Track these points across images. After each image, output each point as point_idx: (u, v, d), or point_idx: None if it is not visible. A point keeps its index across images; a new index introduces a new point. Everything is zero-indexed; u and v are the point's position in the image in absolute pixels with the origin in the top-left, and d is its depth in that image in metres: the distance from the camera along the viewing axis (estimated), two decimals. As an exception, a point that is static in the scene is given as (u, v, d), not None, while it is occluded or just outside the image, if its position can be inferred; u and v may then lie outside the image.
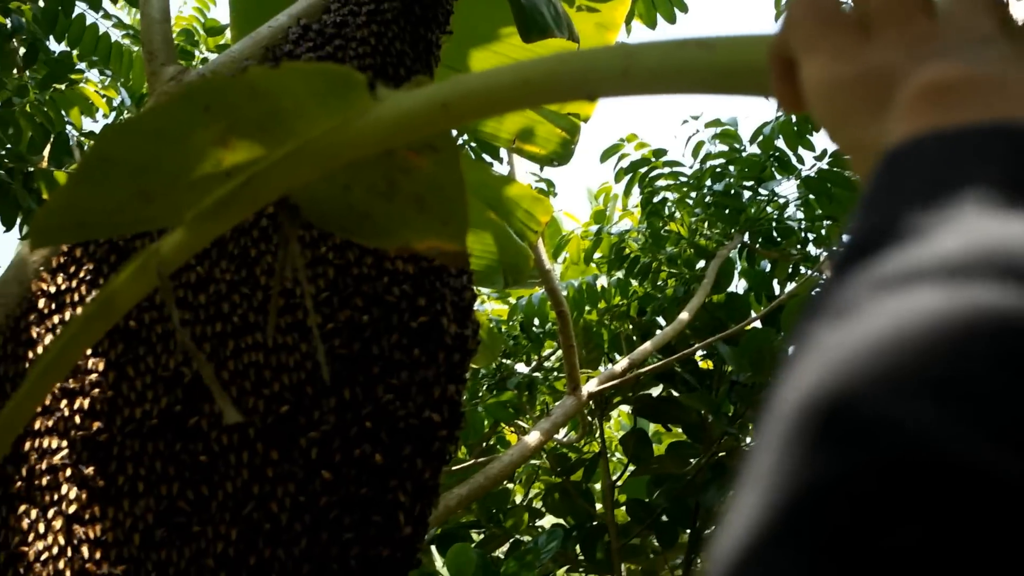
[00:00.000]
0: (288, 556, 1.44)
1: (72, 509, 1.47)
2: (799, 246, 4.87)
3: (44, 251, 1.63)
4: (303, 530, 1.45)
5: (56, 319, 1.57)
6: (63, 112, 3.45)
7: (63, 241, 0.69)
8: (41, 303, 1.58)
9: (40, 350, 1.55)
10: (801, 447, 0.27)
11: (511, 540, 4.82)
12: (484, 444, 5.09)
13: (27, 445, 1.50)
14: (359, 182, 0.69)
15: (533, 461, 5.19)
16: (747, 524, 0.27)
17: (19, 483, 1.49)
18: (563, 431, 5.01)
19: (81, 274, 1.60)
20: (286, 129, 0.64)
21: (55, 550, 1.45)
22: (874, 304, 0.29)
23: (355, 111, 0.63)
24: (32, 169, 3.25)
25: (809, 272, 4.76)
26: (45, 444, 1.51)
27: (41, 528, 1.47)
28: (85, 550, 1.45)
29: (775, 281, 4.94)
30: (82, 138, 3.78)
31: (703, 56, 0.56)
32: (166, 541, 1.45)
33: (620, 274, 4.97)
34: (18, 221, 3.27)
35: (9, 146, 3.25)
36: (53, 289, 1.59)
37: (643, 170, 4.86)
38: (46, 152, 3.31)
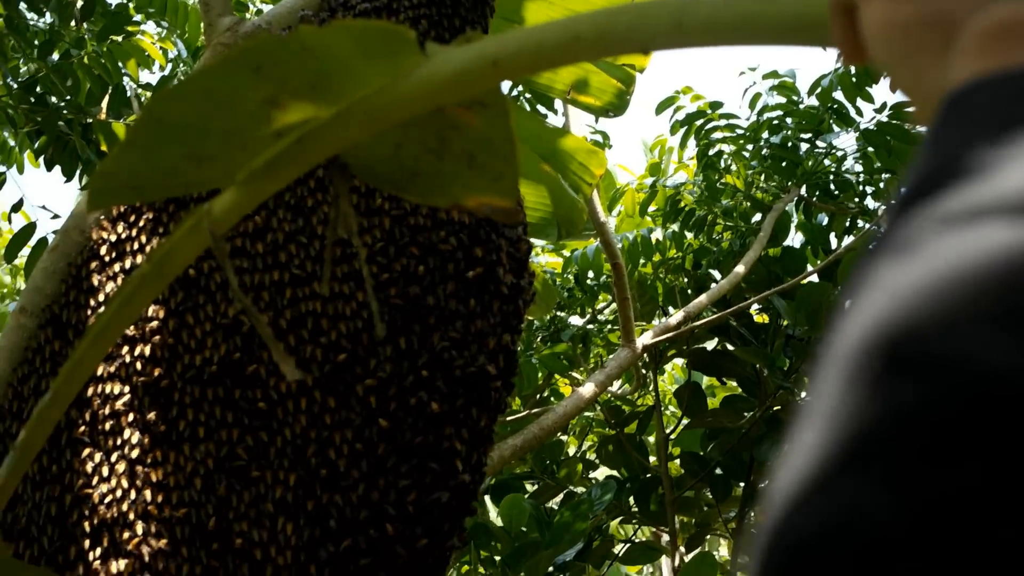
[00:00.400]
0: (346, 502, 1.46)
1: (134, 453, 1.50)
2: (857, 199, 4.81)
3: (105, 200, 1.65)
4: (360, 476, 1.47)
5: (117, 267, 1.59)
6: (120, 64, 3.47)
7: (119, 202, 0.70)
8: (103, 251, 1.60)
9: (102, 297, 1.58)
10: (870, 381, 0.27)
11: (564, 491, 4.84)
12: (538, 396, 5.11)
13: (90, 391, 1.53)
14: (410, 140, 0.69)
15: (587, 413, 5.20)
16: (812, 456, 0.27)
17: (83, 427, 1.52)
18: (617, 383, 5.01)
19: (141, 223, 1.61)
20: (337, 88, 0.64)
21: (118, 493, 1.48)
22: (939, 240, 0.29)
23: (405, 69, 0.63)
24: (91, 121, 3.28)
25: (867, 226, 4.70)
26: (108, 390, 1.53)
27: (104, 471, 1.50)
28: (147, 493, 1.48)
29: (832, 235, 4.88)
30: (139, 90, 3.82)
31: (760, 6, 0.55)
32: (226, 485, 1.48)
33: (675, 227, 4.94)
34: (78, 172, 3.31)
35: (68, 98, 3.28)
36: (114, 238, 1.61)
37: (699, 122, 4.81)
38: (104, 104, 3.33)
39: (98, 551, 1.46)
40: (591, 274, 4.96)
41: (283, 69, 0.64)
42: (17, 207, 3.57)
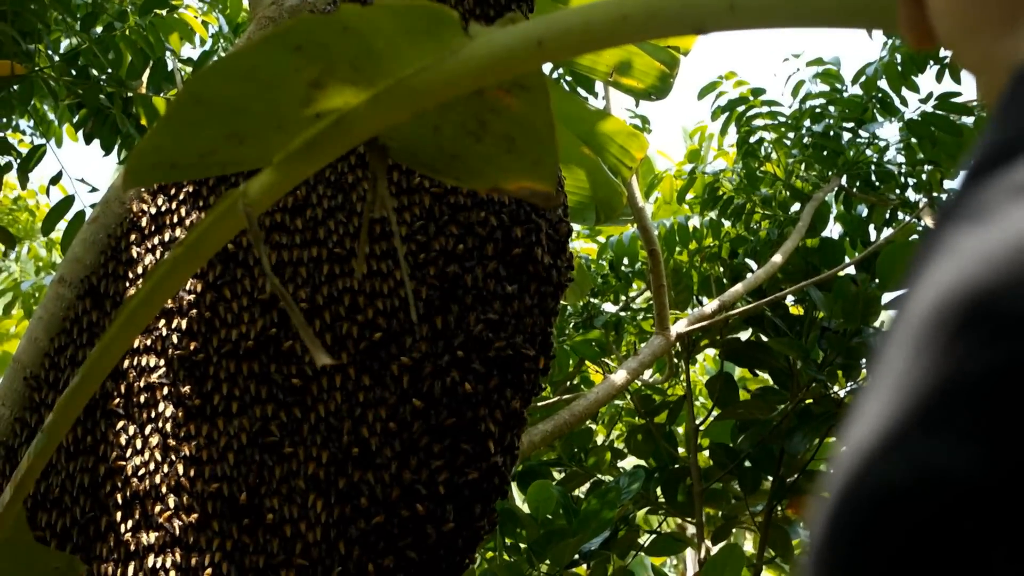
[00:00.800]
0: (377, 480, 1.45)
1: (168, 427, 1.50)
2: (898, 191, 4.76)
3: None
4: (393, 455, 1.46)
5: (156, 239, 1.59)
6: (162, 38, 3.47)
7: (156, 181, 0.69)
8: (143, 222, 1.60)
9: (140, 270, 1.57)
10: (950, 342, 0.27)
11: (592, 480, 4.83)
12: (568, 383, 5.10)
13: (126, 363, 1.53)
14: (449, 122, 0.68)
15: (617, 402, 5.19)
16: (889, 414, 0.27)
17: (118, 399, 1.52)
18: (648, 372, 4.99)
19: (181, 196, 1.61)
20: (378, 68, 0.63)
21: (151, 465, 1.48)
22: (1013, 208, 0.29)
23: (448, 49, 0.62)
24: (131, 94, 3.28)
25: (907, 218, 4.65)
26: (143, 362, 1.53)
27: (138, 444, 1.50)
28: (180, 467, 1.48)
29: (871, 226, 4.84)
30: (181, 64, 3.82)
31: None
32: (259, 461, 1.47)
33: (713, 214, 4.91)
34: (117, 146, 3.32)
35: (109, 71, 3.28)
36: (154, 210, 1.60)
37: (740, 109, 4.78)
38: (145, 77, 3.34)
39: (129, 523, 1.46)
40: (626, 261, 4.94)
41: (324, 49, 0.63)
42: (56, 180, 3.58)
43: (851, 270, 4.45)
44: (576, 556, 3.76)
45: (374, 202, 0.70)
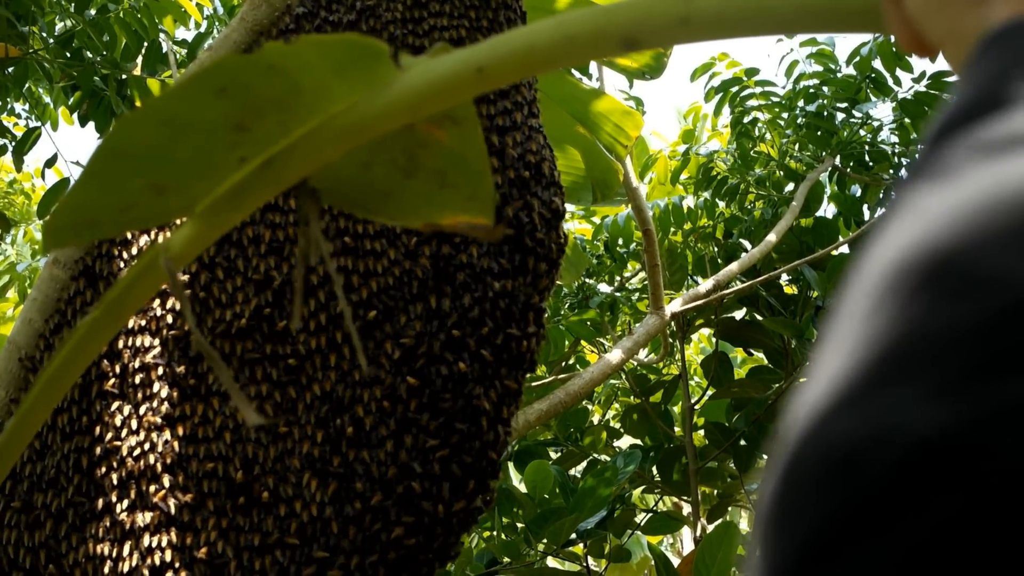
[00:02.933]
0: (373, 459, 1.46)
1: (164, 407, 1.50)
2: (891, 171, 4.77)
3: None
4: (388, 434, 1.47)
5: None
6: (157, 20, 3.47)
7: (76, 241, 0.65)
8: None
9: (135, 250, 1.58)
10: (910, 299, 0.27)
11: (588, 459, 4.84)
12: (564, 363, 5.11)
13: (121, 343, 1.53)
14: (378, 160, 0.65)
15: (612, 381, 5.20)
16: (846, 372, 0.27)
17: (113, 380, 1.52)
18: (643, 352, 5.00)
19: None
20: (307, 107, 0.60)
21: (147, 445, 1.49)
22: (975, 168, 0.29)
23: (379, 83, 0.59)
24: (126, 77, 3.28)
25: (901, 198, 4.64)
26: (138, 342, 1.54)
27: (133, 424, 1.50)
28: (175, 446, 1.48)
29: (865, 206, 4.85)
30: (175, 46, 3.81)
31: None
32: (253, 440, 1.48)
33: (707, 195, 4.91)
34: (111, 127, 3.31)
35: (104, 53, 3.28)
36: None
37: (734, 89, 4.78)
38: (140, 60, 3.34)
39: (125, 503, 1.47)
40: (620, 241, 4.94)
41: (249, 90, 0.60)
42: (51, 162, 3.58)
43: (845, 249, 4.45)
44: (573, 535, 3.77)
45: (308, 246, 0.66)
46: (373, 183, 0.66)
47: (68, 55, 3.31)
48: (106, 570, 1.44)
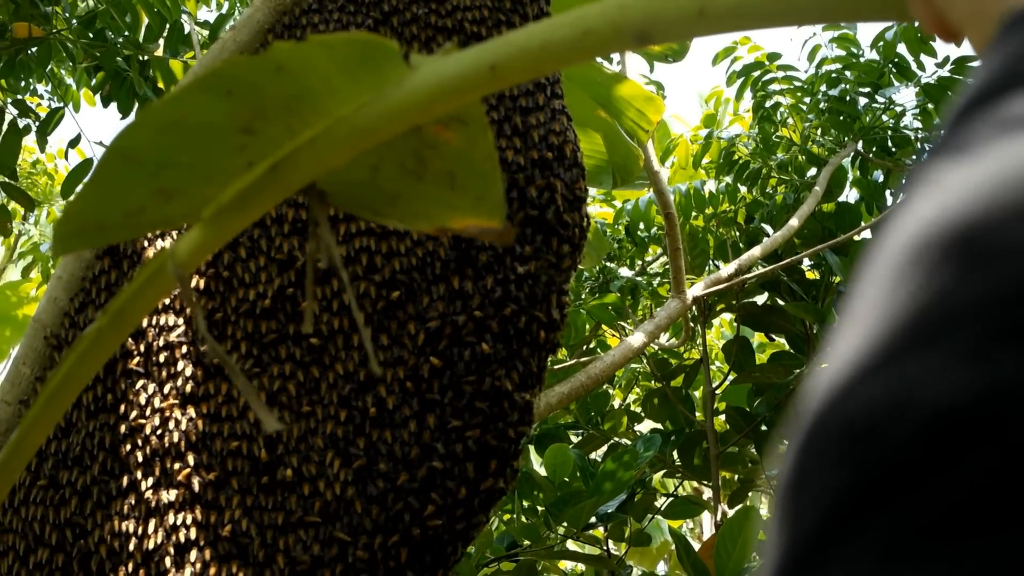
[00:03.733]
0: (395, 439, 1.46)
1: (188, 386, 1.51)
2: (914, 156, 4.74)
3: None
4: (411, 415, 1.47)
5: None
6: (179, 0, 3.48)
7: (84, 247, 0.62)
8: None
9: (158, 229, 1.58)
10: (930, 272, 0.26)
11: (609, 443, 4.84)
12: (584, 347, 5.11)
13: (146, 321, 1.54)
14: (387, 162, 0.63)
15: (633, 365, 5.19)
16: (859, 346, 0.26)
17: (137, 358, 1.53)
18: (664, 336, 4.99)
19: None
20: (315, 109, 0.59)
21: (171, 424, 1.49)
22: (999, 143, 0.29)
23: (390, 83, 0.57)
24: (148, 57, 3.29)
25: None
26: (163, 321, 1.54)
27: (157, 402, 1.51)
28: (199, 425, 1.49)
29: (888, 192, 4.82)
30: (198, 27, 3.82)
31: None
32: (277, 420, 1.48)
33: (729, 179, 4.89)
34: (134, 109, 3.33)
35: (127, 34, 3.29)
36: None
37: (756, 74, 4.76)
38: (162, 41, 3.35)
39: (150, 480, 1.48)
40: (642, 226, 4.93)
41: (256, 92, 0.59)
42: (74, 143, 3.60)
43: (867, 234, 4.43)
44: (593, 519, 3.77)
45: (318, 249, 0.65)
46: (381, 186, 0.65)
47: (91, 36, 3.32)
48: (131, 547, 1.45)
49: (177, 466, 1.48)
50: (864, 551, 0.23)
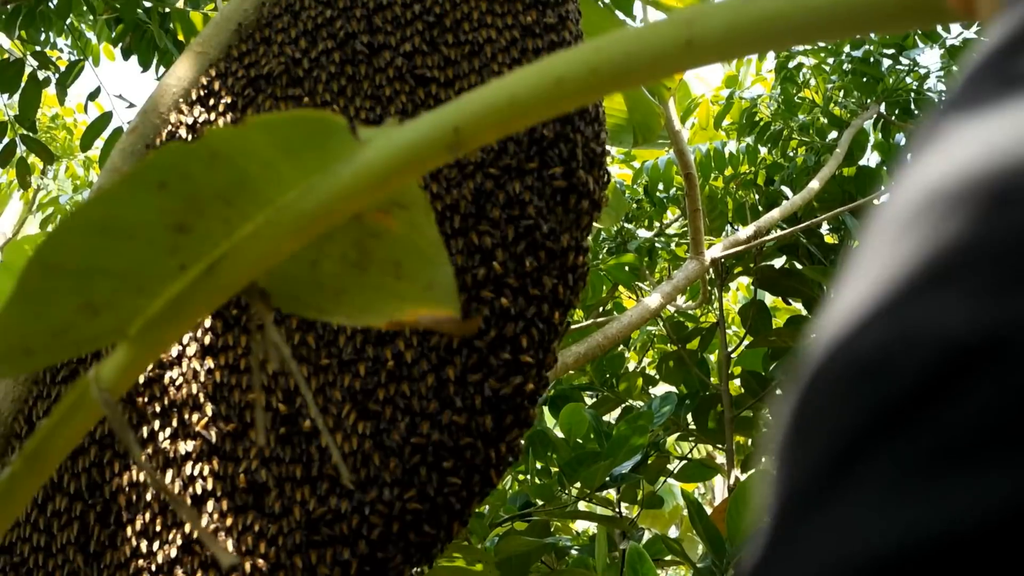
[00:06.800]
0: (413, 392, 1.46)
1: (207, 338, 1.51)
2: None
3: (184, 83, 1.64)
4: (429, 368, 1.47)
5: (193, 150, 1.59)
6: (200, -48, 3.47)
7: (12, 373, 0.54)
8: (182, 132, 1.61)
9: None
10: (942, 217, 0.25)
11: (623, 405, 4.86)
12: (601, 308, 5.11)
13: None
14: (327, 256, 0.58)
15: (649, 328, 5.19)
16: (870, 287, 0.26)
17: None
18: (681, 299, 4.99)
19: (220, 107, 1.61)
20: (255, 198, 0.53)
21: (189, 375, 1.50)
22: (1012, 98, 0.27)
23: (336, 160, 0.52)
24: (169, 10, 3.28)
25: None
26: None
27: (175, 353, 1.51)
28: (218, 376, 1.49)
29: (909, 156, 4.78)
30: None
31: (782, 4, 0.47)
32: (295, 371, 1.48)
33: (749, 140, 4.87)
34: (154, 62, 3.33)
35: (147, -15, 3.29)
36: (191, 120, 1.61)
37: (779, 34, 4.71)
38: (183, -8, 3.34)
39: (167, 431, 1.48)
40: (661, 186, 4.92)
41: (190, 182, 0.52)
42: (94, 95, 3.60)
43: (887, 198, 4.40)
44: (607, 479, 3.79)
45: (266, 349, 0.59)
46: (324, 282, 0.59)
47: (111, -12, 3.31)
48: (148, 497, 1.46)
49: (195, 417, 1.48)
50: (872, 479, 0.23)
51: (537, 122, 0.50)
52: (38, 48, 3.47)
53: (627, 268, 4.79)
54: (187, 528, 1.43)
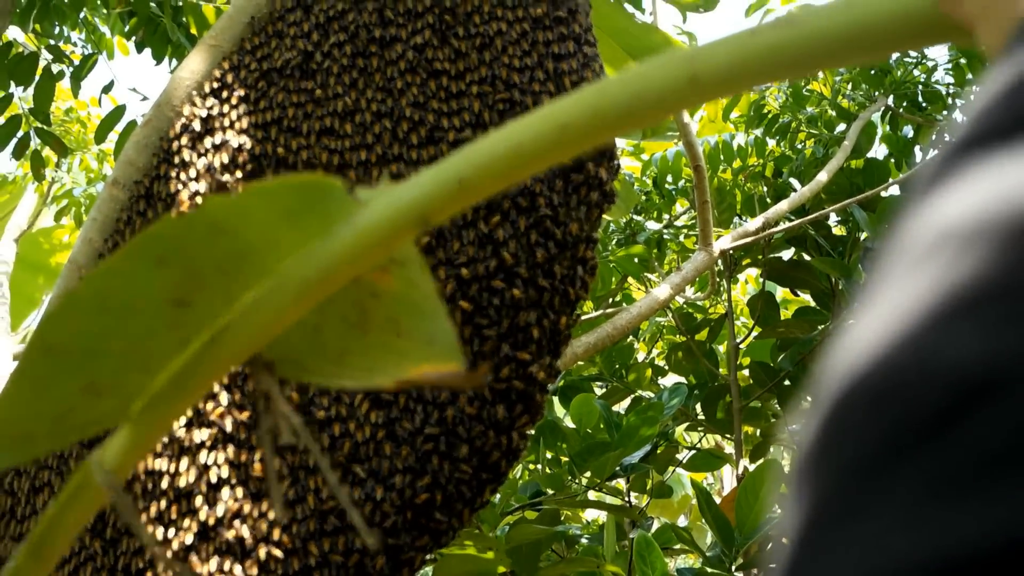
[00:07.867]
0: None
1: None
2: (945, 112, 4.70)
3: (197, 76, 1.66)
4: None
5: (208, 142, 1.61)
6: (213, -54, 3.48)
7: (14, 461, 0.51)
8: (196, 125, 1.62)
9: (192, 173, 1.60)
10: (967, 250, 0.26)
11: (632, 396, 4.86)
12: (611, 299, 5.11)
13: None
14: (329, 319, 0.57)
15: (658, 319, 5.20)
16: (892, 314, 0.26)
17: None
18: (690, 290, 5.00)
19: (232, 100, 1.63)
20: (256, 267, 0.52)
21: (204, 364, 1.52)
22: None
23: (337, 223, 0.51)
24: (182, 3, 3.30)
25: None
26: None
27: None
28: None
29: (917, 148, 4.79)
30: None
31: (786, 35, 0.46)
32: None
33: (758, 132, 4.87)
34: (167, 55, 3.34)
35: (160, -20, 3.30)
36: (205, 113, 1.62)
37: (788, 26, 4.70)
38: (196, -14, 3.35)
39: (182, 420, 1.50)
40: (669, 178, 4.92)
41: (189, 256, 0.51)
42: (108, 88, 3.62)
43: (895, 190, 4.41)
44: (617, 469, 3.80)
45: (277, 423, 0.57)
46: (328, 344, 0.57)
47: (124, -18, 3.33)
48: (164, 485, 1.47)
49: (210, 405, 1.50)
50: (890, 503, 0.24)
51: (543, 168, 0.49)
52: (52, 42, 3.49)
53: (636, 259, 4.79)
54: (202, 515, 1.45)
